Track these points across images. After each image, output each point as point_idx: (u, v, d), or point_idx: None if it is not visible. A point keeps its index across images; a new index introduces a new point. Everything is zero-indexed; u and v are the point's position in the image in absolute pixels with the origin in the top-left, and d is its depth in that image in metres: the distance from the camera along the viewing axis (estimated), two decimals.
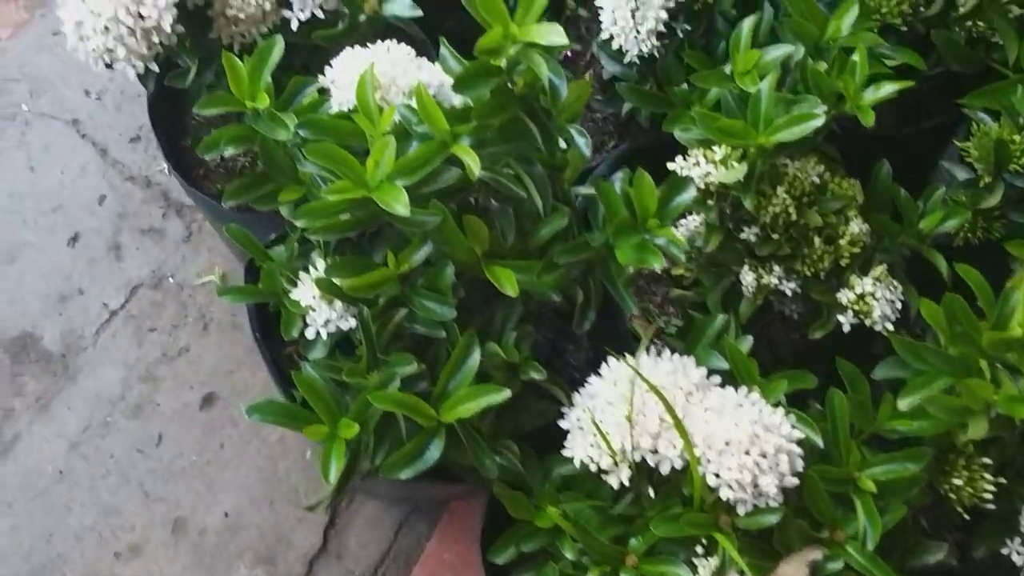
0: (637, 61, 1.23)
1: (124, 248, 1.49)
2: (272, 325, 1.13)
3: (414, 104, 0.97)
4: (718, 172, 1.02)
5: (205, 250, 1.50)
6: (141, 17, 0.96)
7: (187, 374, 1.41)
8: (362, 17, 1.12)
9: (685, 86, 1.22)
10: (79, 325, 1.43)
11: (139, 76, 1.01)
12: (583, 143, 0.92)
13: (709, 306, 1.14)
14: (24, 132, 1.56)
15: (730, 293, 1.13)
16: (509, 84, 0.87)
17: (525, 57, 0.83)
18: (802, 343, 1.20)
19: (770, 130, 0.95)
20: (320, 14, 1.11)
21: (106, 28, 0.96)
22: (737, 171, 0.99)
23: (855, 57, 0.99)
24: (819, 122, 0.94)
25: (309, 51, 1.13)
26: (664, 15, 1.18)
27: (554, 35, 0.81)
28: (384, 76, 0.97)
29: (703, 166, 1.03)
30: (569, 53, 1.43)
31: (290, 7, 1.11)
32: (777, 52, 1.03)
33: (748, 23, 1.05)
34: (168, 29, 0.98)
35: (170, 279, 1.48)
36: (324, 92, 1.00)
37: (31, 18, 1.67)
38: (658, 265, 0.89)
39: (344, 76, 0.98)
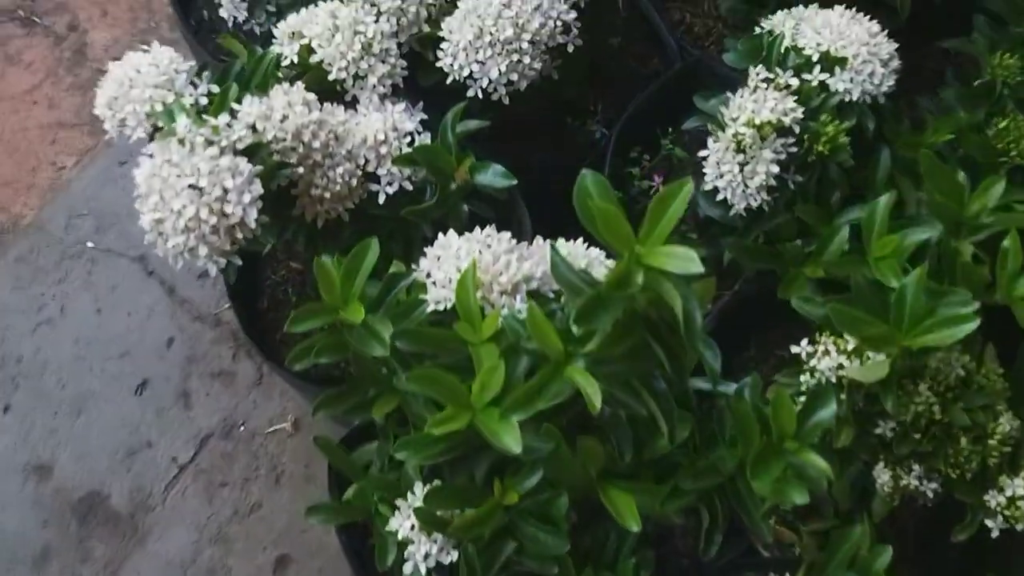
0: (743, 213, 1.14)
1: (193, 395, 1.42)
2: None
3: (519, 304, 0.89)
4: (852, 366, 0.92)
5: (277, 394, 1.43)
6: (225, 215, 0.89)
7: (260, 533, 1.34)
8: (453, 186, 1.05)
9: (798, 242, 1.13)
10: (148, 482, 1.36)
11: (221, 270, 0.94)
12: (712, 356, 0.83)
13: (834, 494, 1.04)
14: (90, 271, 1.51)
15: (859, 478, 1.03)
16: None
17: (654, 283, 0.74)
18: (924, 512, 1.10)
19: (917, 332, 0.86)
20: (408, 186, 1.04)
21: (187, 227, 0.89)
22: (876, 370, 0.89)
23: (1006, 243, 0.89)
24: (972, 325, 0.84)
25: (395, 221, 1.06)
26: (775, 168, 1.09)
27: (687, 261, 0.72)
28: (485, 273, 0.89)
29: (833, 356, 0.94)
30: (660, 188, 1.34)
31: (377, 180, 1.04)
32: (918, 237, 0.93)
33: (884, 202, 0.95)
34: (253, 224, 0.91)
35: (241, 427, 1.41)
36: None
37: (96, 144, 1.63)
38: (801, 501, 0.80)
39: (440, 270, 0.90)
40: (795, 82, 1.11)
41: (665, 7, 1.45)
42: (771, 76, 1.12)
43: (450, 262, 0.91)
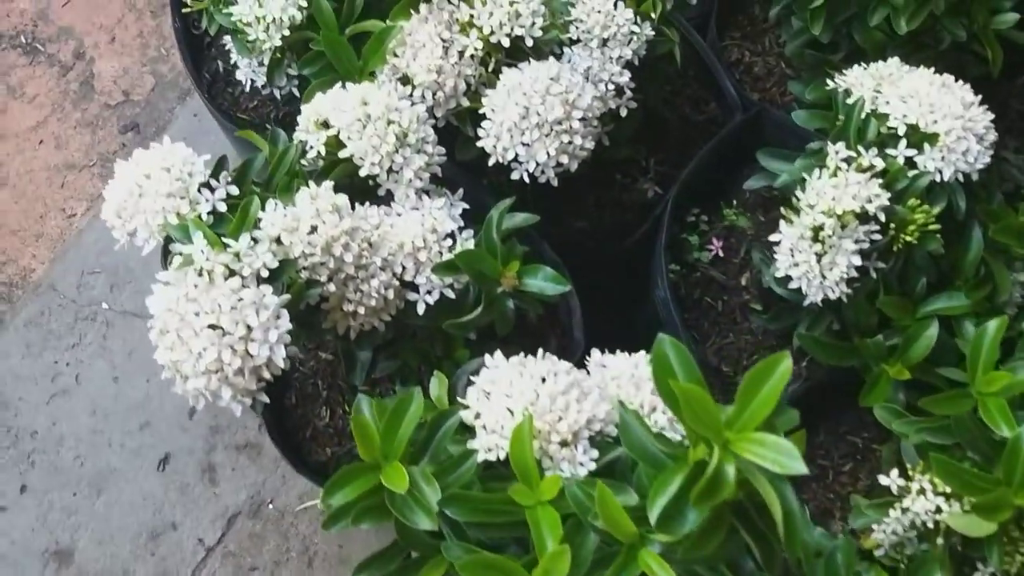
0: (819, 304, 1.03)
1: (219, 469, 1.34)
2: None
3: (580, 455, 0.80)
4: (952, 511, 0.82)
5: None
6: (250, 355, 0.80)
7: None
8: (498, 290, 0.94)
9: (879, 337, 1.02)
10: (173, 566, 1.29)
11: (250, 407, 0.84)
12: (808, 534, 0.73)
13: None
14: (106, 335, 1.42)
15: None
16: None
17: (746, 472, 0.64)
18: None
19: None
20: (450, 293, 0.94)
21: (208, 369, 0.79)
22: (982, 527, 0.79)
23: None
24: None
25: (435, 330, 0.96)
26: (857, 260, 0.98)
27: (787, 458, 0.62)
28: (541, 420, 0.79)
29: (930, 498, 0.84)
30: (720, 252, 1.23)
31: (415, 288, 0.93)
32: None
33: (993, 329, 0.84)
34: (280, 363, 0.81)
35: (270, 505, 1.33)
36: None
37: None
38: None
39: (490, 413, 0.80)
40: (879, 162, 0.99)
41: (722, 45, 1.33)
42: (852, 155, 1.00)
43: (500, 400, 0.81)
